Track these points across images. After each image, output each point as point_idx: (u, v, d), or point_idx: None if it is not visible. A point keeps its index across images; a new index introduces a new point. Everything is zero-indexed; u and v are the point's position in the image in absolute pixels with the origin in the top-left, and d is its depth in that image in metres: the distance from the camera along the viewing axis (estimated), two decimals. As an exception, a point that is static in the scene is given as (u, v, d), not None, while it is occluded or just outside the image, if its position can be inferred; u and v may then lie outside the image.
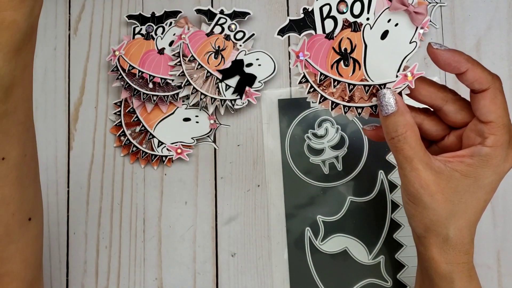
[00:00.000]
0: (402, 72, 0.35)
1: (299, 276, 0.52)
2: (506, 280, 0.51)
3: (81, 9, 0.59)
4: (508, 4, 0.55)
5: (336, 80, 0.36)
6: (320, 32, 0.35)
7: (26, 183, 0.37)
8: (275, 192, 0.54)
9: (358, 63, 0.35)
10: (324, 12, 0.35)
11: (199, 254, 0.54)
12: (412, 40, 0.35)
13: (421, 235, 0.36)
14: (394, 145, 0.35)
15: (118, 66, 0.56)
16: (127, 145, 0.56)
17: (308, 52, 0.35)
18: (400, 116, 0.34)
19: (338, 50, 0.35)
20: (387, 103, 0.34)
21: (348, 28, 0.35)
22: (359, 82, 0.35)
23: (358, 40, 0.35)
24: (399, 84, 0.35)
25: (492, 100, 0.34)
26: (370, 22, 0.35)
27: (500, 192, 0.52)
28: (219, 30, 0.56)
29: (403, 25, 0.35)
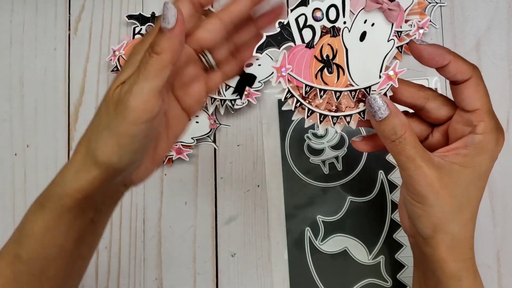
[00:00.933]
0: (384, 72, 0.35)
1: (299, 276, 0.52)
2: (506, 280, 0.51)
3: (81, 9, 0.59)
4: (508, 4, 0.55)
5: (322, 90, 0.35)
6: (299, 42, 0.35)
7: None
8: (275, 192, 0.54)
9: (342, 68, 0.35)
10: (300, 23, 0.34)
11: (199, 254, 0.54)
12: (390, 38, 0.35)
13: (428, 236, 0.36)
14: (395, 147, 0.35)
15: (118, 66, 0.56)
16: (127, 145, 0.56)
17: (290, 65, 0.35)
18: (395, 118, 0.34)
19: (320, 57, 0.35)
20: (379, 107, 0.34)
21: (327, 34, 0.35)
22: (344, 88, 0.35)
23: (338, 45, 0.35)
24: (383, 84, 0.35)
25: (476, 88, 0.34)
26: (348, 25, 0.35)
27: (499, 192, 0.52)
28: (219, 30, 0.56)
29: (379, 24, 0.35)
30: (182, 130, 0.38)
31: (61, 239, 0.34)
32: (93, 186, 0.33)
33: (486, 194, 0.52)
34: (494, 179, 0.52)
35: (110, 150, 0.32)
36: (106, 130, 0.32)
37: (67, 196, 0.33)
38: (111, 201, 0.37)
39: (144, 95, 0.31)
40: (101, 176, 0.33)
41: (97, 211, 0.36)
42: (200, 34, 0.36)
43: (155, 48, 0.31)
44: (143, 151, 0.34)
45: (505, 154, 0.53)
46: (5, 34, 0.59)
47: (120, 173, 0.34)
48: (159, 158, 0.37)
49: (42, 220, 0.34)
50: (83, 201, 0.34)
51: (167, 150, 0.37)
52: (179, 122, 0.38)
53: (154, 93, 0.31)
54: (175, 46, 0.32)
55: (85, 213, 0.35)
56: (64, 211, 0.34)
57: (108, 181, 0.33)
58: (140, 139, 0.32)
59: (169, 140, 0.37)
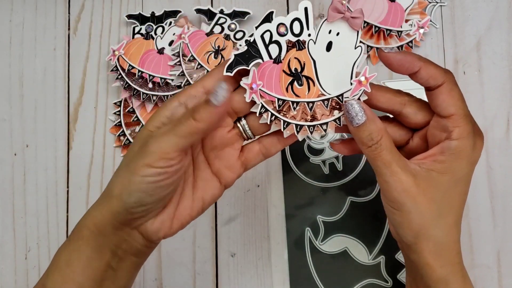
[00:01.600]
0: (355, 78, 0.35)
1: (299, 277, 0.52)
2: (506, 280, 0.51)
3: (80, 9, 0.59)
4: (508, 3, 0.55)
5: (295, 102, 0.35)
6: (267, 59, 0.35)
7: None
8: (275, 192, 0.54)
9: (311, 80, 0.35)
10: (266, 39, 0.35)
11: (199, 254, 0.54)
12: (357, 45, 0.35)
13: (411, 243, 0.36)
14: (372, 153, 0.35)
15: (118, 66, 0.56)
16: (127, 145, 0.56)
17: (260, 81, 0.35)
18: (372, 124, 0.34)
19: (289, 71, 0.35)
20: (356, 113, 0.34)
21: (293, 48, 0.35)
22: (317, 98, 0.35)
23: (305, 58, 0.35)
24: (356, 91, 0.35)
25: (449, 93, 0.34)
26: (313, 37, 0.35)
27: (500, 192, 0.52)
28: (219, 29, 0.56)
29: (344, 33, 0.35)
30: (211, 195, 0.37)
31: (80, 277, 0.35)
32: (105, 219, 0.34)
33: (486, 195, 0.52)
34: (494, 179, 0.52)
35: (123, 185, 0.33)
36: (125, 166, 0.34)
37: (85, 227, 0.35)
38: (128, 248, 0.36)
39: (166, 147, 0.32)
40: (112, 210, 0.34)
41: (114, 255, 0.35)
42: (236, 98, 0.36)
43: (195, 115, 0.33)
44: (156, 197, 0.34)
45: (505, 155, 0.53)
46: (4, 34, 0.59)
47: (131, 212, 0.34)
48: (181, 216, 0.36)
49: (66, 252, 0.35)
50: (99, 237, 0.35)
51: (192, 211, 0.37)
52: (208, 185, 0.37)
53: (176, 148, 0.33)
54: (213, 121, 0.33)
55: (102, 252, 0.35)
56: (83, 244, 0.35)
57: (119, 217, 0.34)
58: (151, 183, 0.33)
59: (195, 201, 0.37)
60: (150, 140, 0.33)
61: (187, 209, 0.36)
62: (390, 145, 0.35)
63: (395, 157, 0.34)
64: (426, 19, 0.54)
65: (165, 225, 0.36)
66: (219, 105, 0.33)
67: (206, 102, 0.33)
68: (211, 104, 0.33)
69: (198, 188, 0.37)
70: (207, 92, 0.35)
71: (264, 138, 0.38)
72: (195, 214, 0.37)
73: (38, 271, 0.55)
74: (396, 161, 0.34)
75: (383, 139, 0.34)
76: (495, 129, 0.53)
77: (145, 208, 0.34)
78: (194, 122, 0.32)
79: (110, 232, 0.35)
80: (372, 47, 0.55)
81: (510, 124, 0.53)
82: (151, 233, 0.35)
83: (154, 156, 0.32)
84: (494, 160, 0.52)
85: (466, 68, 0.54)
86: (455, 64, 0.54)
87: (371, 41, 0.55)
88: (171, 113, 0.35)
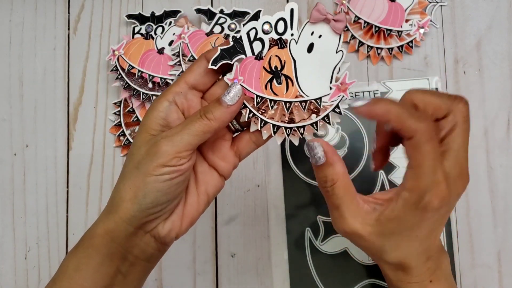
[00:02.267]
0: (335, 83, 0.35)
1: (299, 277, 0.51)
2: (507, 280, 0.51)
3: (80, 9, 0.59)
4: (508, 3, 0.55)
5: (273, 100, 0.35)
6: (250, 55, 0.36)
7: None
8: (275, 192, 0.54)
9: (290, 79, 0.35)
10: (251, 36, 0.35)
11: (199, 255, 0.54)
12: (338, 50, 0.35)
13: (375, 261, 0.38)
14: (325, 192, 0.36)
15: (118, 65, 0.55)
16: (127, 145, 0.56)
17: (241, 76, 0.36)
18: (329, 167, 0.35)
19: (269, 69, 0.36)
20: (316, 155, 0.35)
21: (275, 46, 0.36)
22: (294, 99, 0.35)
23: (286, 57, 0.35)
24: (334, 96, 0.35)
25: (415, 149, 0.33)
26: (295, 37, 0.35)
27: (500, 193, 0.52)
28: (219, 29, 0.56)
29: (326, 36, 0.35)
30: (213, 186, 0.38)
31: (88, 283, 0.35)
32: (118, 226, 0.34)
33: (487, 195, 0.52)
34: (495, 179, 0.52)
35: (136, 188, 0.34)
36: (135, 169, 0.34)
37: (95, 235, 0.35)
38: (140, 253, 0.36)
39: (180, 146, 0.33)
40: (125, 215, 0.34)
41: (124, 260, 0.35)
42: (219, 91, 0.37)
43: (208, 114, 0.34)
44: (170, 195, 0.34)
45: (506, 155, 0.52)
46: (4, 34, 0.59)
47: (147, 214, 0.34)
48: (190, 213, 0.37)
49: (75, 258, 0.35)
50: (110, 244, 0.35)
51: (198, 206, 0.37)
52: (208, 177, 0.38)
53: (189, 147, 0.34)
54: (226, 120, 0.35)
55: (112, 259, 0.35)
56: (93, 251, 0.35)
57: (133, 222, 0.34)
58: (167, 181, 0.33)
59: (200, 196, 0.37)
60: (161, 141, 0.33)
61: (194, 204, 0.37)
62: (343, 191, 0.35)
63: (345, 202, 0.35)
64: (426, 19, 0.54)
65: (176, 224, 0.36)
66: (233, 104, 0.34)
67: (218, 101, 0.34)
68: (224, 104, 0.34)
69: (200, 182, 0.38)
70: (190, 87, 0.36)
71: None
72: (202, 209, 0.38)
73: (38, 271, 0.55)
74: (345, 206, 0.35)
75: (336, 184, 0.35)
76: (495, 128, 0.53)
77: (161, 208, 0.34)
78: (208, 121, 0.34)
79: (122, 239, 0.35)
80: (373, 47, 0.55)
81: (510, 124, 0.53)
82: (163, 234, 0.36)
83: (167, 156, 0.33)
84: (494, 160, 0.52)
85: (466, 68, 0.54)
86: (456, 64, 0.54)
87: (371, 41, 0.55)
88: (165, 114, 0.35)
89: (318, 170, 0.36)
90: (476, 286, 0.51)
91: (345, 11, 0.55)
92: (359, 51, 0.55)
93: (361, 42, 0.55)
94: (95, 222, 0.36)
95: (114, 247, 0.35)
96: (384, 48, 0.55)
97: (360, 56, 0.55)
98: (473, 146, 0.53)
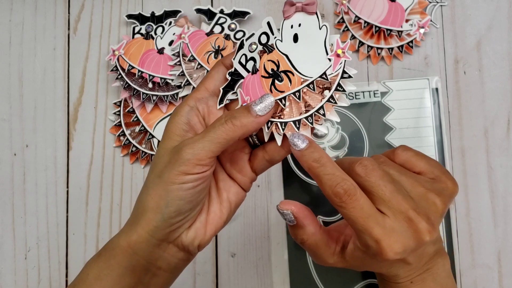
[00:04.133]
0: (331, 54, 0.35)
1: (299, 277, 0.51)
2: (507, 280, 0.51)
3: (80, 9, 0.59)
4: (508, 3, 0.55)
5: (282, 98, 0.35)
6: (246, 74, 0.36)
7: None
8: (275, 192, 0.54)
9: (290, 72, 0.36)
10: (243, 62, 0.36)
11: (199, 255, 0.53)
12: (321, 26, 0.35)
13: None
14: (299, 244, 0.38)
15: (118, 65, 0.55)
16: (127, 145, 0.56)
17: (247, 96, 0.36)
18: (299, 229, 0.36)
19: (267, 74, 0.36)
20: (286, 219, 0.36)
21: (264, 54, 0.36)
22: (301, 85, 0.35)
23: (278, 56, 0.36)
24: (337, 65, 0.35)
25: (341, 209, 0.34)
26: (278, 37, 0.36)
27: (500, 193, 0.52)
28: (219, 29, 0.56)
29: (305, 21, 0.36)
30: (235, 193, 0.38)
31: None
32: (141, 238, 0.34)
33: (487, 195, 0.52)
34: (495, 179, 0.52)
35: (159, 197, 0.33)
36: (157, 178, 0.34)
37: (118, 247, 0.35)
38: (163, 265, 0.36)
39: (201, 153, 0.33)
40: (149, 226, 0.34)
41: (147, 272, 0.35)
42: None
43: (234, 120, 0.33)
44: (193, 203, 0.34)
45: (506, 155, 0.52)
46: (4, 34, 0.59)
47: (170, 224, 0.34)
48: (213, 221, 0.36)
49: (96, 267, 0.35)
50: (133, 257, 0.34)
51: (222, 213, 0.37)
52: (229, 185, 0.37)
53: (211, 154, 0.33)
54: (251, 129, 0.34)
55: (134, 272, 0.35)
56: (115, 263, 0.34)
57: (157, 232, 0.34)
58: (189, 189, 0.33)
59: (222, 203, 0.37)
60: (183, 148, 0.33)
61: (217, 212, 0.37)
62: (314, 246, 0.37)
63: (317, 252, 0.37)
64: (426, 19, 0.54)
65: (200, 232, 0.36)
66: (262, 115, 0.34)
67: (247, 109, 0.34)
68: (253, 112, 0.34)
69: (221, 190, 0.37)
70: (211, 93, 0.36)
71: (268, 144, 0.37)
72: (226, 217, 0.37)
73: (37, 271, 0.55)
74: (318, 254, 0.37)
75: (306, 242, 0.37)
76: (495, 128, 0.53)
77: (183, 217, 0.34)
78: (232, 127, 0.33)
79: (145, 251, 0.34)
80: (373, 47, 0.55)
81: (510, 124, 0.53)
82: (187, 244, 0.35)
83: (189, 164, 0.32)
84: (494, 160, 0.52)
85: (466, 68, 0.54)
86: (456, 64, 0.54)
87: (372, 41, 0.55)
88: (187, 119, 0.35)
89: (290, 228, 0.37)
90: (476, 286, 0.51)
91: (345, 11, 0.55)
92: (359, 51, 0.55)
93: (361, 42, 0.55)
94: (119, 232, 0.36)
95: (137, 259, 0.34)
96: (384, 48, 0.55)
97: (360, 56, 0.55)
98: (473, 146, 0.53)
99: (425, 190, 0.35)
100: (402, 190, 0.35)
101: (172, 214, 0.33)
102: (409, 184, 0.36)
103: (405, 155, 0.39)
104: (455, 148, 0.53)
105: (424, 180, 0.37)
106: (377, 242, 0.32)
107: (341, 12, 0.56)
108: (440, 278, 0.37)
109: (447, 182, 0.37)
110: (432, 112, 0.53)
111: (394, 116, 0.53)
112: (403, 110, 0.53)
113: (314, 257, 0.38)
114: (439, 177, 0.38)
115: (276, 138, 0.36)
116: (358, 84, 0.54)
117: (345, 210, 0.33)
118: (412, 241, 0.33)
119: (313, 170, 0.34)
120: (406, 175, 0.36)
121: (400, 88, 0.53)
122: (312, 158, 0.34)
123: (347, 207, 0.33)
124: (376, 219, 0.33)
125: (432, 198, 0.35)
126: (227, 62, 0.36)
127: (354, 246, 0.35)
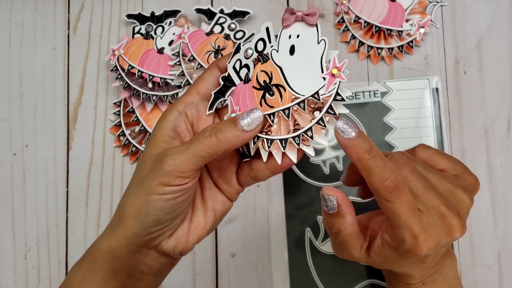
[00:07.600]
0: (326, 72, 0.33)
1: (299, 277, 0.51)
2: (507, 280, 0.51)
3: (80, 9, 0.59)
4: (509, 3, 0.55)
5: (270, 114, 0.34)
6: (238, 82, 0.35)
7: None
8: (275, 192, 0.53)
9: (282, 86, 0.34)
10: (237, 67, 0.35)
11: (199, 255, 0.54)
12: (320, 40, 0.34)
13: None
14: (331, 235, 0.37)
15: (118, 65, 0.55)
16: (127, 145, 0.56)
17: (237, 106, 0.35)
18: (338, 218, 0.35)
19: (259, 86, 0.34)
20: (329, 206, 0.35)
21: (258, 63, 0.35)
22: (291, 103, 0.34)
23: (271, 68, 0.34)
24: (330, 85, 0.33)
25: (386, 202, 0.33)
26: (275, 47, 0.35)
27: (500, 193, 0.52)
28: (219, 29, 0.56)
29: (304, 32, 0.34)
30: (221, 202, 0.36)
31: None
32: (121, 244, 0.34)
33: (487, 195, 0.52)
34: (495, 179, 0.52)
35: (139, 205, 0.32)
36: (139, 185, 0.33)
37: (99, 251, 0.34)
38: (146, 269, 0.35)
39: (183, 166, 0.32)
40: (128, 233, 0.33)
41: (130, 276, 0.35)
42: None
43: (218, 134, 0.32)
44: (173, 214, 0.33)
45: (506, 155, 0.52)
46: (4, 34, 0.59)
47: (149, 232, 0.33)
48: (196, 230, 0.35)
49: (81, 272, 0.35)
50: (113, 261, 0.34)
51: (206, 223, 0.36)
52: (214, 194, 0.36)
53: (193, 167, 0.32)
54: (236, 144, 0.32)
55: (117, 276, 0.34)
56: (98, 267, 0.34)
57: (135, 239, 0.33)
58: (169, 200, 0.32)
59: (207, 212, 0.36)
60: (165, 158, 0.32)
61: (201, 221, 0.36)
62: (348, 237, 0.36)
63: (348, 244, 0.36)
64: (426, 18, 0.54)
65: (181, 241, 0.35)
66: (249, 131, 0.32)
67: (234, 122, 0.32)
68: (239, 127, 0.32)
69: (207, 198, 0.36)
70: (202, 97, 0.35)
71: (254, 161, 0.36)
72: (210, 227, 0.36)
73: (37, 271, 0.55)
74: (347, 246, 0.36)
75: (342, 232, 0.35)
76: (496, 128, 0.53)
77: (163, 226, 0.33)
78: (216, 141, 0.32)
79: (126, 256, 0.34)
80: (373, 47, 0.55)
81: (511, 124, 0.53)
82: (168, 251, 0.35)
83: (170, 176, 0.32)
84: (494, 160, 0.52)
85: (466, 67, 0.54)
86: (456, 64, 0.54)
87: (372, 41, 0.55)
88: (174, 125, 0.34)
89: (327, 217, 0.35)
90: (476, 286, 0.51)
91: (345, 11, 0.55)
92: (359, 51, 0.55)
93: (361, 42, 0.55)
94: (100, 235, 0.35)
95: (118, 264, 0.34)
96: (385, 48, 0.55)
97: (360, 56, 0.55)
98: (473, 146, 0.53)
99: (453, 186, 0.35)
100: (432, 185, 0.34)
101: (151, 223, 0.33)
102: (436, 180, 0.35)
103: (426, 153, 0.38)
104: (455, 148, 0.53)
105: (450, 177, 0.37)
106: (415, 237, 0.32)
107: (341, 12, 0.56)
108: (450, 279, 0.37)
109: (470, 178, 0.37)
110: (432, 112, 0.53)
111: (394, 116, 0.53)
112: (403, 110, 0.53)
113: (342, 249, 0.36)
114: (462, 173, 0.37)
115: (262, 154, 0.34)
116: (358, 84, 0.54)
117: (391, 204, 0.32)
118: (444, 237, 0.33)
119: (363, 161, 0.32)
120: (432, 171, 0.36)
121: (400, 88, 0.53)
122: (363, 149, 0.32)
123: (395, 201, 0.32)
124: (417, 214, 0.33)
125: (461, 195, 0.35)
126: (221, 65, 0.35)
127: (383, 241, 0.34)
